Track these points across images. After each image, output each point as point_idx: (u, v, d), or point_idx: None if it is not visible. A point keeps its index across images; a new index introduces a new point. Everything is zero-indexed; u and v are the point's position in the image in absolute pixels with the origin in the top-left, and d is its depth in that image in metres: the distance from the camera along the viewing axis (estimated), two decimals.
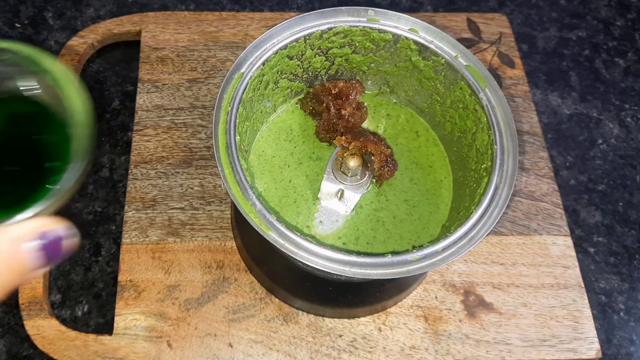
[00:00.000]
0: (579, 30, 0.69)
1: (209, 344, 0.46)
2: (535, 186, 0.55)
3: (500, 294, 0.50)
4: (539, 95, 0.64)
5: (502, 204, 0.38)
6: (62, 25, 0.64)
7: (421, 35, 0.43)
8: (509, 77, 0.61)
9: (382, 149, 0.42)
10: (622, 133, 0.62)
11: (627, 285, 0.54)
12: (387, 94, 0.49)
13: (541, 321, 0.49)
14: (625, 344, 0.51)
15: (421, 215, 0.44)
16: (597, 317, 0.51)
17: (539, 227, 0.53)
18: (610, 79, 0.66)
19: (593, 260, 0.55)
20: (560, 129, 0.62)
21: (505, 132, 0.41)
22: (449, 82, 0.44)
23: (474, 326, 0.48)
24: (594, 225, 0.56)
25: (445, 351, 0.47)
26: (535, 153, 0.57)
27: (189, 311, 0.47)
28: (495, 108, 0.41)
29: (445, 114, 0.46)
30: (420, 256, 0.36)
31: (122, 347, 0.45)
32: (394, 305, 0.48)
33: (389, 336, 0.47)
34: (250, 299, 0.48)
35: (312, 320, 0.47)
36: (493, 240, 0.52)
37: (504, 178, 0.39)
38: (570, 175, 0.59)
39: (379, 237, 0.43)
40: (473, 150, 0.43)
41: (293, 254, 0.36)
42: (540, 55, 0.67)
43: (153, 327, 0.46)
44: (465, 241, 0.37)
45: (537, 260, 0.51)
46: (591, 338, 0.48)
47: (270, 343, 0.46)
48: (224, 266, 0.49)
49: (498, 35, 0.64)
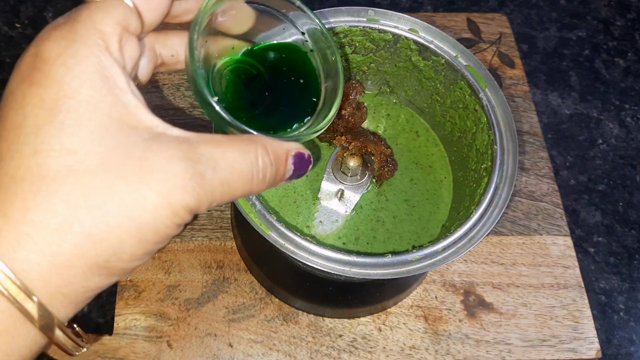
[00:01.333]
0: (579, 30, 0.69)
1: (209, 344, 0.46)
2: (535, 186, 0.55)
3: (500, 294, 0.50)
4: (539, 95, 0.64)
5: (502, 204, 0.38)
6: None
7: (421, 35, 0.43)
8: (509, 77, 0.61)
9: (382, 149, 0.42)
10: (622, 133, 0.62)
11: (627, 285, 0.54)
12: (387, 94, 0.49)
13: (541, 321, 0.49)
14: (625, 344, 0.51)
15: (421, 215, 0.44)
16: (597, 317, 0.51)
17: (539, 227, 0.53)
18: (610, 79, 0.66)
19: (593, 260, 0.55)
20: (560, 129, 0.62)
21: (505, 132, 0.41)
22: (449, 82, 0.44)
23: (474, 326, 0.48)
24: (594, 225, 0.56)
25: (445, 351, 0.47)
26: (535, 153, 0.57)
27: (189, 311, 0.47)
28: (495, 108, 0.41)
29: (445, 114, 0.46)
30: (420, 256, 0.36)
31: (122, 347, 0.45)
32: (394, 305, 0.48)
33: (389, 336, 0.47)
34: (250, 299, 0.48)
35: (312, 320, 0.47)
36: (493, 240, 0.52)
37: (504, 178, 0.39)
38: (570, 175, 0.59)
39: (379, 237, 0.43)
40: (473, 150, 0.43)
41: (293, 254, 0.36)
42: (540, 55, 0.67)
43: (153, 327, 0.46)
44: (465, 241, 0.37)
45: (537, 260, 0.51)
46: (591, 338, 0.48)
47: (270, 343, 0.46)
48: (224, 266, 0.49)
49: (498, 35, 0.64)
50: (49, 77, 0.21)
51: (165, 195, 0.21)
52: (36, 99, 0.21)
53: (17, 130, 0.21)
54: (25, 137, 0.21)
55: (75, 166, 0.21)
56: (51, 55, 0.21)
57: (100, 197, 0.21)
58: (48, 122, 0.21)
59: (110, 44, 0.23)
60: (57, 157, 0.20)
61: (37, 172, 0.20)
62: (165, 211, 0.22)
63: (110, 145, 0.21)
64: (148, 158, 0.22)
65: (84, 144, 0.21)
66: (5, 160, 0.21)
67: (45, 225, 0.20)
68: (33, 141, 0.20)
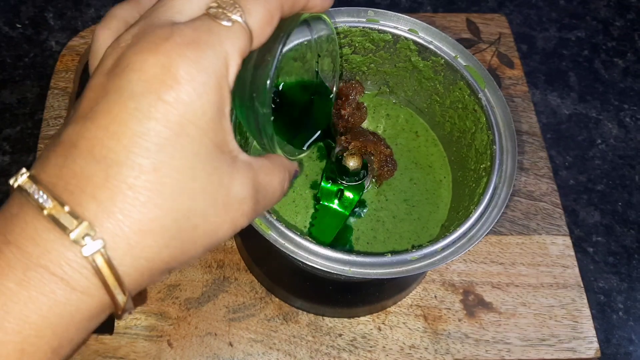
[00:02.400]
0: (578, 31, 0.69)
1: (209, 343, 0.46)
2: (534, 186, 0.55)
3: (499, 294, 0.50)
4: (538, 95, 0.64)
5: (501, 204, 0.38)
6: (62, 26, 0.65)
7: (421, 35, 0.44)
8: (508, 78, 0.61)
9: (381, 149, 0.43)
10: (621, 133, 0.62)
11: (626, 285, 0.54)
12: (387, 94, 0.49)
13: (540, 321, 0.49)
14: (624, 344, 0.51)
15: (421, 215, 0.44)
16: (596, 317, 0.51)
17: (538, 226, 0.53)
18: (610, 79, 0.66)
19: (592, 260, 0.55)
20: (560, 129, 0.62)
21: (504, 132, 0.41)
22: (448, 83, 0.44)
23: (474, 325, 0.48)
24: (593, 225, 0.57)
25: (444, 350, 0.47)
26: (535, 153, 0.57)
27: (189, 310, 0.47)
28: (494, 108, 0.41)
29: (444, 114, 0.46)
30: (420, 256, 0.36)
31: (123, 346, 0.45)
32: (393, 304, 0.48)
33: (388, 335, 0.47)
34: (251, 299, 0.48)
35: (312, 320, 0.48)
36: (492, 240, 0.52)
37: (503, 178, 0.39)
38: (569, 175, 0.59)
39: (379, 237, 0.43)
40: (472, 150, 0.43)
41: (293, 253, 0.36)
42: (540, 56, 0.67)
43: (153, 326, 0.46)
44: (464, 241, 0.37)
45: (537, 260, 0.51)
46: (590, 337, 0.48)
47: (270, 342, 0.47)
48: (224, 265, 0.49)
49: (497, 36, 0.64)
50: (179, 99, 0.22)
51: (235, 222, 0.25)
52: (162, 116, 0.22)
53: (137, 139, 0.22)
54: (145, 151, 0.22)
55: (186, 186, 0.23)
56: (183, 78, 0.22)
57: (193, 220, 0.23)
58: (171, 143, 0.22)
59: (230, 73, 0.24)
60: (172, 176, 0.22)
61: (153, 187, 0.22)
62: (229, 234, 0.25)
63: (210, 171, 0.24)
64: (232, 187, 0.24)
65: (194, 168, 0.23)
66: (125, 169, 0.22)
67: (147, 229, 0.22)
68: (154, 157, 0.22)
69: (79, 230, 0.21)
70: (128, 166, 0.22)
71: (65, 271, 0.21)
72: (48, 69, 0.61)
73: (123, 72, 0.23)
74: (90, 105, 0.23)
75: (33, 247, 0.21)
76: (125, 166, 0.22)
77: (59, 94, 0.56)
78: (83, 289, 0.21)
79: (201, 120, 0.23)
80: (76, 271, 0.21)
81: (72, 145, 0.22)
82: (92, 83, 0.24)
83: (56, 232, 0.21)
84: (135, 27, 0.24)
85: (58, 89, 0.56)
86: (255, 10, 0.25)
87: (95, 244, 0.21)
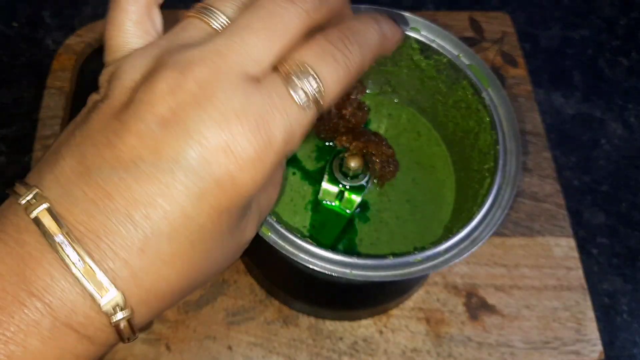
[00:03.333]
0: (583, 30, 0.69)
1: (208, 346, 0.46)
2: (538, 187, 0.55)
3: (502, 296, 0.49)
4: (541, 94, 0.63)
5: (505, 205, 0.38)
6: (59, 24, 0.64)
7: (423, 33, 0.43)
8: (511, 77, 0.61)
9: (383, 149, 0.42)
10: (626, 133, 0.62)
11: (631, 287, 0.53)
12: (389, 93, 0.49)
13: (544, 323, 0.48)
14: (628, 346, 0.51)
15: (424, 216, 0.44)
16: (600, 319, 0.51)
17: (542, 228, 0.52)
18: (614, 78, 0.65)
19: (596, 261, 0.54)
20: (564, 129, 0.61)
21: (508, 132, 0.40)
22: (451, 82, 0.44)
23: (476, 328, 0.48)
24: (597, 226, 0.56)
25: (447, 354, 0.47)
26: (538, 153, 0.56)
27: (188, 314, 0.47)
28: (498, 108, 0.41)
29: (447, 113, 0.46)
30: (422, 258, 0.36)
31: (120, 349, 0.45)
32: (395, 307, 0.48)
33: (390, 339, 0.47)
34: (250, 302, 0.47)
35: (313, 323, 0.47)
36: (496, 242, 0.51)
37: (506, 179, 0.39)
38: (573, 176, 0.59)
39: (383, 238, 0.43)
40: (475, 150, 0.43)
41: (293, 255, 0.35)
42: (543, 55, 0.66)
43: (151, 329, 0.46)
44: (467, 243, 0.37)
45: (540, 262, 0.51)
46: (594, 340, 0.48)
47: (270, 346, 0.46)
48: None
49: (501, 35, 0.63)
50: (236, 186, 0.23)
51: (241, 249, 0.28)
52: (210, 204, 0.23)
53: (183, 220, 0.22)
54: (188, 231, 0.23)
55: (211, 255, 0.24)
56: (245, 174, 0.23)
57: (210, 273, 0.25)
58: (208, 230, 0.23)
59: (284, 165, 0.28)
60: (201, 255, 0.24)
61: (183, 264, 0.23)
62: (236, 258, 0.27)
63: (233, 245, 0.26)
64: (244, 237, 0.27)
65: (223, 244, 0.25)
66: (164, 245, 0.22)
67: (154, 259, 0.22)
68: (194, 237, 0.22)
69: (111, 302, 0.21)
70: (167, 242, 0.21)
71: (87, 330, 0.21)
72: (45, 68, 0.60)
73: (182, 138, 0.21)
74: (132, 153, 0.21)
75: (59, 305, 0.20)
76: (164, 242, 0.21)
77: (55, 93, 0.55)
78: (101, 341, 0.22)
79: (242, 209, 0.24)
80: (98, 330, 0.21)
81: (106, 195, 0.20)
82: (138, 126, 0.21)
83: (85, 297, 0.20)
84: (203, 65, 0.21)
85: (54, 89, 0.55)
86: (330, 80, 0.25)
87: (124, 313, 0.21)
